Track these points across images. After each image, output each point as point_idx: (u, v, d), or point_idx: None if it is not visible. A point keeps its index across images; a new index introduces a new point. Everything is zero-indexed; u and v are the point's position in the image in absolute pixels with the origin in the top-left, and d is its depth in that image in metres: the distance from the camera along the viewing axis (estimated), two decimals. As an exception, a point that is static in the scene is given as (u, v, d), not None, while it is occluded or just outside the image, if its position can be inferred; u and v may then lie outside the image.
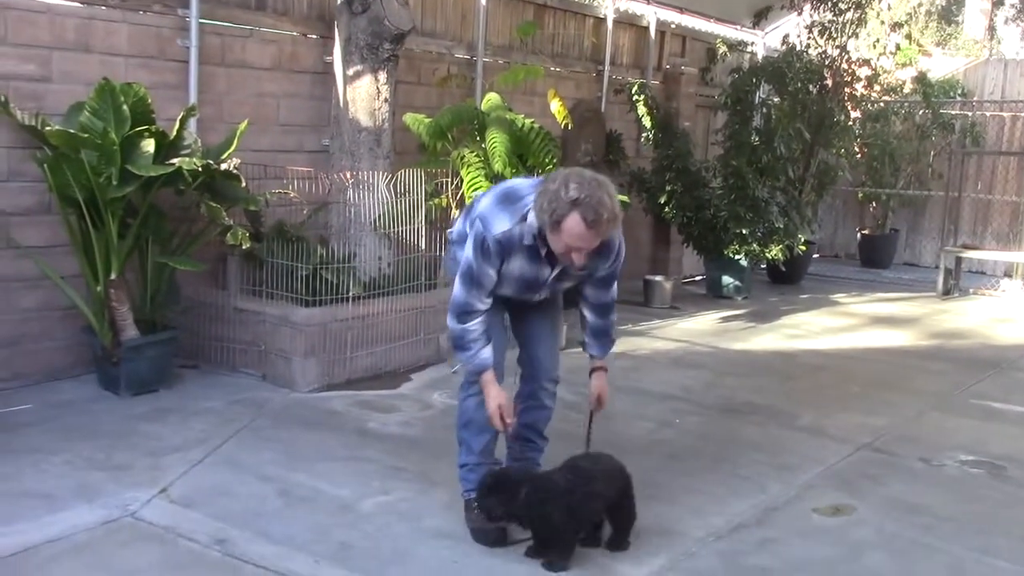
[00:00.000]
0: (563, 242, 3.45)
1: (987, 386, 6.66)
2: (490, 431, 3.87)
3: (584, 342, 4.05)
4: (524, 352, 4.06)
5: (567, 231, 3.40)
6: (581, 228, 3.37)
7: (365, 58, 6.31)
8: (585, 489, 3.54)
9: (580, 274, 3.75)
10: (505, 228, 3.57)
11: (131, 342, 5.31)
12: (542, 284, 3.75)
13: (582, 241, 3.42)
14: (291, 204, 6.19)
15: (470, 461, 3.92)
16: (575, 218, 3.36)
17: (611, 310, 3.98)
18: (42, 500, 3.91)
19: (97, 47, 5.65)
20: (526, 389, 4.07)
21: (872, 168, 12.49)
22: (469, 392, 3.88)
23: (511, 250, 3.60)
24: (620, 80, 9.88)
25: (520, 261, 3.63)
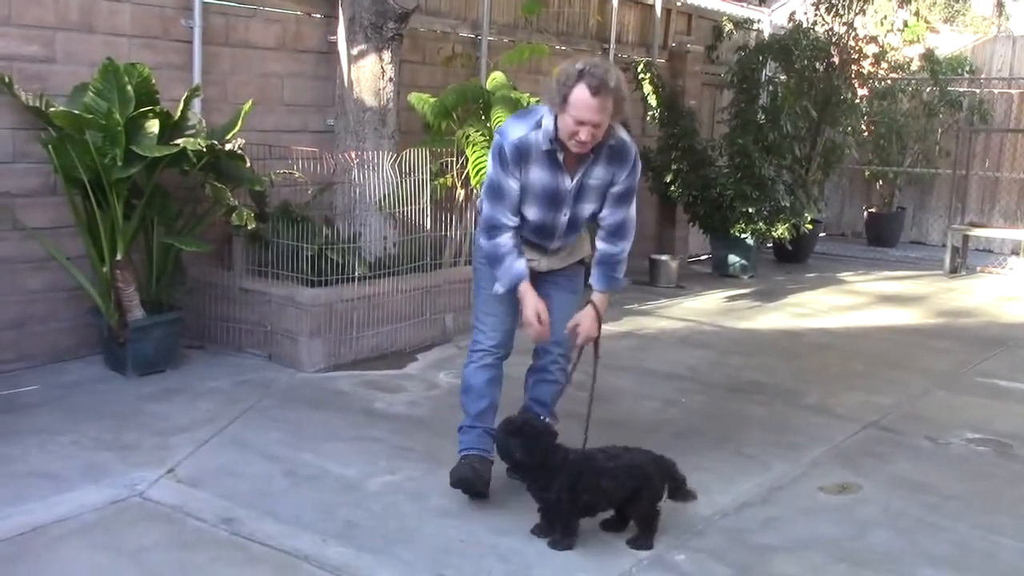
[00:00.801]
0: (571, 117, 3.52)
1: (994, 364, 6.65)
2: (487, 397, 3.97)
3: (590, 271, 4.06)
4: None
5: (574, 103, 3.50)
6: (586, 96, 3.47)
7: (369, 37, 6.28)
8: (592, 480, 3.54)
9: (599, 184, 3.78)
10: (521, 134, 3.68)
11: (137, 323, 5.32)
12: (563, 199, 3.77)
13: (588, 111, 3.49)
14: (296, 184, 6.18)
15: (465, 423, 4.02)
16: (580, 87, 3.48)
17: (624, 235, 3.92)
18: (49, 480, 3.93)
19: (101, 27, 5.63)
20: (538, 363, 4.12)
21: (879, 146, 12.44)
22: (470, 359, 4.01)
23: (528, 157, 3.70)
24: (625, 58, 9.83)
25: (539, 170, 3.71)
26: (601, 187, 3.82)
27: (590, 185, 3.80)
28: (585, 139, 3.57)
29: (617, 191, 3.84)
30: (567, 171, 3.74)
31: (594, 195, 3.84)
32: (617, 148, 3.77)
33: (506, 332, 4.01)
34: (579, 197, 3.82)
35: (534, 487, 3.60)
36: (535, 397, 4.11)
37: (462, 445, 3.99)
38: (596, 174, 3.79)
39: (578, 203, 3.84)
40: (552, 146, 3.67)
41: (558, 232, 3.91)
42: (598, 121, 3.54)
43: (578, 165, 3.75)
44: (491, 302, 3.96)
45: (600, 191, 3.83)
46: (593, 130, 3.56)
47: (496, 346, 3.99)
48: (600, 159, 3.77)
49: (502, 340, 4.00)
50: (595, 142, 3.63)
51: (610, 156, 3.76)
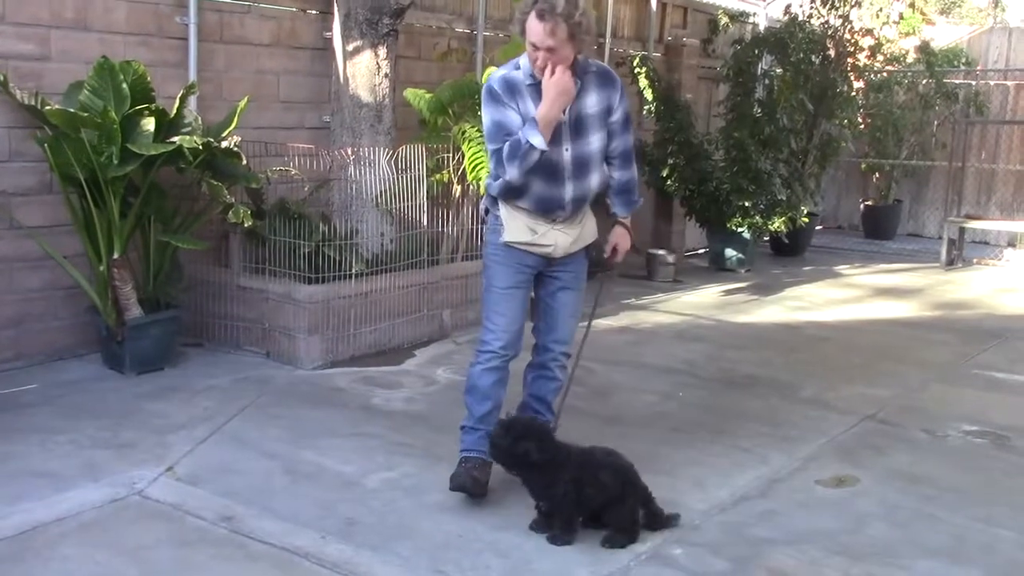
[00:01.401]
0: (529, 43, 3.63)
1: (990, 356, 6.66)
2: (491, 400, 3.95)
3: (607, 203, 4.10)
4: (542, 321, 4.08)
5: (527, 31, 3.63)
6: (534, 21, 3.60)
7: (365, 33, 6.28)
8: (593, 474, 3.56)
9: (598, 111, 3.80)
10: (504, 73, 3.81)
11: (135, 321, 5.32)
12: (561, 131, 3.75)
13: (536, 36, 3.60)
14: (292, 181, 6.18)
15: (468, 424, 4.00)
16: (531, 17, 3.61)
17: (632, 160, 4.04)
18: (48, 479, 3.93)
19: (96, 25, 5.62)
20: (537, 359, 4.11)
21: (875, 139, 12.44)
22: (476, 360, 3.97)
23: (518, 92, 3.75)
24: (621, 53, 9.82)
25: (532, 106, 3.72)
26: (601, 115, 3.83)
27: (588, 115, 3.80)
28: (542, 64, 3.65)
29: (618, 119, 3.90)
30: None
31: (596, 125, 3.83)
32: (601, 72, 3.87)
33: (516, 333, 3.97)
34: (579, 130, 3.80)
35: (537, 485, 3.60)
36: (534, 393, 4.11)
37: (464, 445, 3.98)
38: (590, 102, 3.80)
39: (579, 137, 3.80)
40: (534, 80, 3.73)
41: (565, 175, 3.80)
42: (550, 45, 3.61)
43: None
44: (501, 300, 3.92)
45: (601, 120, 3.84)
46: (548, 55, 3.63)
47: (505, 347, 3.94)
48: (589, 86, 3.80)
49: (511, 341, 3.95)
50: (559, 63, 3.65)
51: (599, 82, 3.82)
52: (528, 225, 3.86)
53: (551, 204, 3.84)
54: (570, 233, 3.93)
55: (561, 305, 4.02)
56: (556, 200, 3.84)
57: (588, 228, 4.04)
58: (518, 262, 3.91)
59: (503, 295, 3.92)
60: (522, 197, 3.84)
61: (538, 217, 3.87)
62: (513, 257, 3.91)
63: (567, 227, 3.92)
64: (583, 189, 3.88)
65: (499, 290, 3.93)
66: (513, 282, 3.93)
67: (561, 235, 3.91)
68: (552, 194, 3.82)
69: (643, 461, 3.86)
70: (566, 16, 3.58)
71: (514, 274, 3.92)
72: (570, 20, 3.60)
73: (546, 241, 3.88)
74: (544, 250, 3.89)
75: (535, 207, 3.85)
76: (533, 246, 3.88)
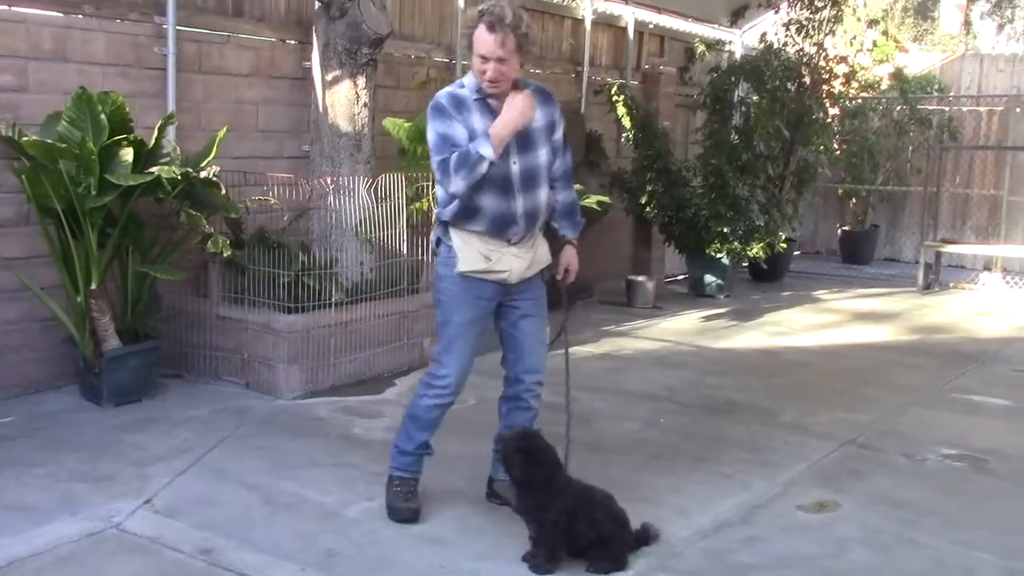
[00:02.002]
0: (478, 57, 3.69)
1: (968, 380, 6.71)
2: (432, 429, 4.02)
3: (554, 228, 4.13)
4: (510, 352, 4.06)
5: (476, 43, 3.69)
6: (484, 33, 3.66)
7: (344, 63, 6.30)
8: (589, 510, 3.57)
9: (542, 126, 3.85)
10: (449, 90, 3.88)
11: (113, 352, 5.29)
12: (508, 145, 3.75)
13: (487, 46, 3.66)
14: (272, 211, 6.18)
15: (405, 447, 4.04)
16: (480, 27, 3.68)
17: (572, 180, 4.17)
18: (25, 513, 3.89)
19: (74, 56, 5.62)
20: (510, 391, 4.09)
21: (851, 164, 12.55)
22: (426, 392, 3.99)
23: (464, 106, 3.80)
24: (599, 81, 9.91)
25: (478, 118, 3.77)
26: (545, 130, 3.88)
27: (534, 128, 3.83)
28: (492, 76, 3.69)
29: (559, 137, 3.98)
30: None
31: (542, 140, 3.87)
32: (540, 90, 3.94)
33: (467, 371, 3.97)
34: (526, 144, 3.82)
35: (531, 508, 3.58)
36: (510, 425, 4.07)
37: (398, 464, 4.04)
38: (536, 116, 3.83)
39: (526, 150, 3.82)
40: (480, 95, 3.79)
41: (515, 188, 3.79)
42: (500, 55, 3.66)
43: None
44: (459, 337, 3.90)
45: (546, 135, 3.88)
46: (498, 65, 3.68)
47: (456, 386, 3.95)
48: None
49: (461, 380, 3.96)
50: (505, 80, 3.72)
51: (540, 99, 3.87)
52: (482, 252, 3.83)
53: (504, 220, 3.81)
54: (524, 257, 3.90)
55: (525, 334, 4.00)
56: (509, 216, 3.81)
57: (541, 252, 4.03)
58: (475, 295, 3.87)
59: (461, 331, 3.90)
60: (475, 218, 3.81)
61: (492, 240, 3.83)
62: (470, 290, 3.86)
63: (521, 251, 3.89)
64: (533, 203, 3.86)
65: (457, 326, 3.90)
66: (471, 316, 3.90)
67: (516, 260, 3.87)
68: (504, 209, 3.79)
69: (625, 488, 3.86)
70: (514, 27, 3.67)
71: (472, 308, 3.89)
72: (517, 31, 3.68)
73: (501, 267, 3.85)
74: (500, 276, 3.86)
75: (489, 226, 3.81)
76: (489, 273, 3.85)
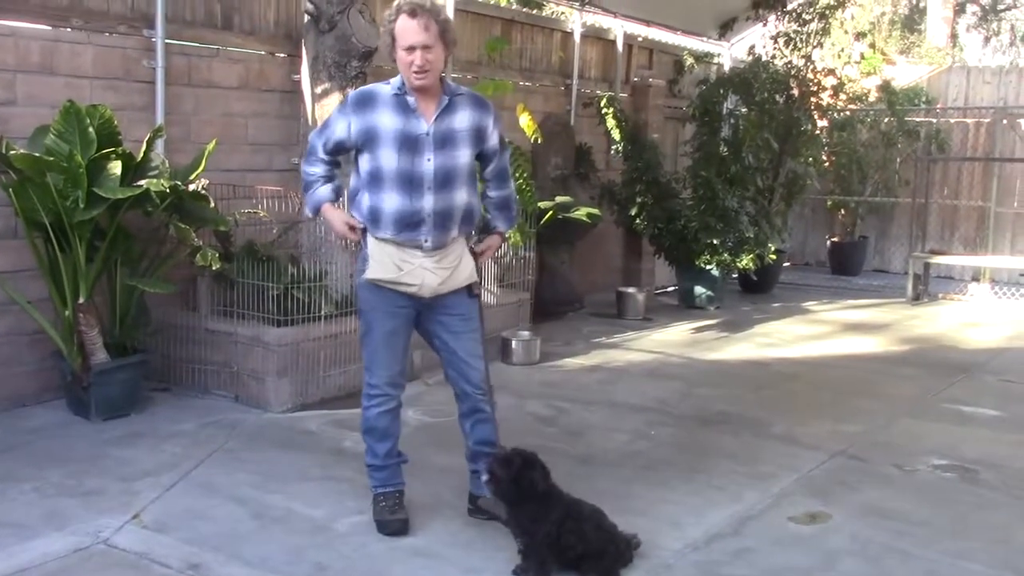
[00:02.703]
0: (402, 50, 3.70)
1: (958, 390, 6.72)
2: (391, 436, 4.05)
3: (487, 221, 4.18)
4: (449, 368, 4.04)
5: (399, 34, 3.70)
6: (406, 20, 3.68)
7: (333, 76, 6.30)
8: (577, 523, 3.56)
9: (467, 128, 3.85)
10: (369, 86, 3.93)
11: (101, 366, 5.26)
12: (422, 144, 3.76)
13: (412, 34, 3.67)
14: (261, 223, 6.16)
15: (375, 463, 4.06)
16: (401, 18, 3.70)
17: (509, 179, 4.20)
18: (11, 529, 3.86)
19: (62, 69, 5.61)
20: (464, 406, 4.07)
21: (840, 176, 12.60)
22: (369, 403, 4.01)
23: (373, 103, 3.80)
24: (589, 93, 9.93)
25: (389, 115, 3.77)
26: (471, 133, 3.86)
27: (456, 129, 3.82)
28: (420, 63, 3.68)
29: (494, 143, 3.99)
30: (422, 116, 3.79)
31: (465, 142, 3.85)
32: (474, 97, 3.95)
33: (401, 368, 4.00)
34: (444, 143, 3.80)
35: (523, 520, 3.57)
36: (479, 440, 4.06)
37: (377, 483, 4.05)
38: (460, 118, 3.84)
39: (444, 149, 3.79)
40: (400, 91, 3.79)
41: (425, 186, 3.76)
42: (424, 42, 3.68)
43: (434, 110, 3.80)
44: (381, 347, 3.91)
45: (470, 139, 3.86)
46: (424, 53, 3.69)
47: (393, 385, 3.97)
48: (460, 105, 3.86)
49: (397, 378, 3.99)
50: (432, 70, 3.73)
51: (471, 104, 3.89)
52: (395, 261, 3.81)
53: (410, 219, 3.78)
54: (439, 272, 3.85)
55: (458, 351, 3.98)
56: (415, 213, 3.77)
57: (464, 270, 3.95)
58: (391, 304, 3.87)
59: (383, 340, 3.91)
60: (380, 220, 3.80)
61: (406, 249, 3.81)
62: (387, 300, 3.86)
63: (437, 265, 3.84)
64: (446, 203, 3.81)
65: (378, 336, 3.91)
66: (391, 326, 3.90)
67: (429, 274, 3.83)
68: (407, 207, 3.76)
69: (616, 500, 3.85)
70: (435, 14, 3.71)
71: (390, 318, 3.89)
72: (439, 18, 3.72)
73: (411, 279, 3.82)
74: (409, 289, 3.84)
75: (394, 226, 3.78)
76: (399, 284, 3.83)
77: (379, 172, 3.78)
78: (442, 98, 3.83)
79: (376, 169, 3.79)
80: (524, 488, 3.54)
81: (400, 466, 4.11)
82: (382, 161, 3.77)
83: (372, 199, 3.81)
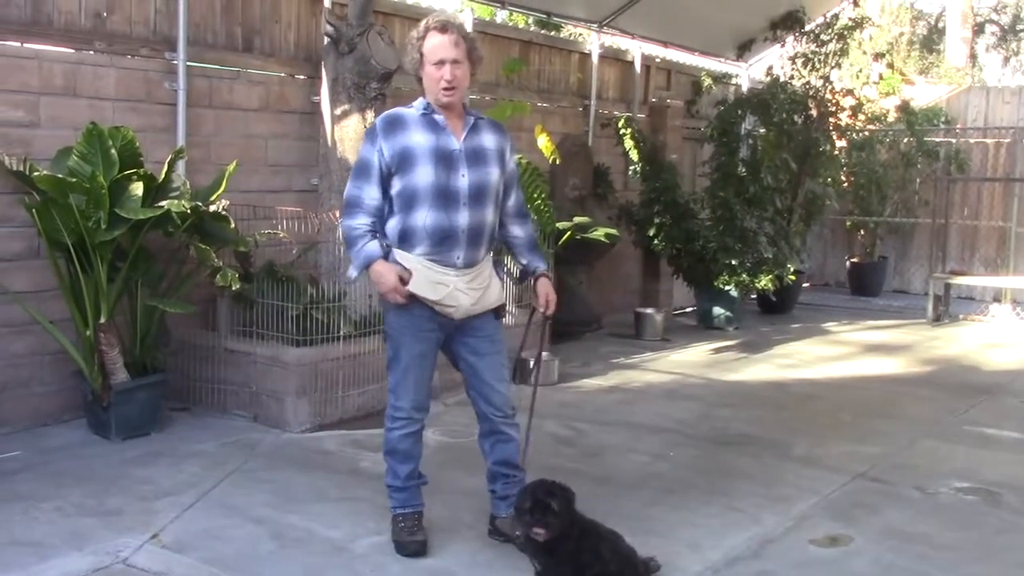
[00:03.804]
0: (432, 65, 3.73)
1: (980, 412, 6.66)
2: (414, 459, 4.03)
3: (524, 265, 4.16)
4: (472, 389, 4.04)
5: (430, 51, 3.74)
6: (439, 38, 3.73)
7: (352, 97, 6.34)
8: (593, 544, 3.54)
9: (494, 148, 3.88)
10: (395, 110, 3.91)
11: (121, 386, 5.29)
12: (456, 159, 3.78)
13: (443, 49, 3.72)
14: (281, 244, 6.20)
15: (396, 484, 4.06)
16: (431, 35, 3.74)
17: (528, 214, 4.21)
18: (32, 548, 3.87)
19: (85, 91, 5.67)
20: (485, 427, 4.06)
21: (859, 196, 12.55)
22: (392, 425, 3.98)
23: (403, 125, 3.80)
24: (606, 114, 9.95)
25: (420, 133, 3.78)
26: (497, 154, 3.90)
27: (484, 147, 3.86)
28: (451, 79, 3.72)
29: (512, 169, 4.03)
30: (452, 133, 3.81)
31: (494, 160, 3.88)
32: (493, 122, 4.01)
33: (426, 393, 3.99)
34: (476, 159, 3.82)
35: (539, 543, 3.51)
36: (498, 460, 4.06)
37: (397, 503, 4.05)
38: (487, 138, 3.89)
39: (477, 166, 3.81)
40: (427, 111, 3.82)
41: (461, 202, 3.77)
42: (455, 56, 3.73)
43: (463, 129, 3.84)
44: (409, 372, 3.90)
45: (497, 158, 3.90)
46: (453, 68, 3.73)
47: (418, 408, 3.96)
48: (484, 127, 3.91)
49: (422, 402, 3.97)
50: (460, 87, 3.77)
51: (491, 128, 3.94)
52: (429, 280, 3.80)
53: (446, 234, 3.78)
54: (471, 293, 3.86)
55: (483, 373, 3.98)
56: (451, 230, 3.77)
57: (493, 292, 3.98)
58: (422, 329, 3.87)
59: (411, 364, 3.90)
60: (414, 238, 3.78)
61: (439, 268, 3.80)
62: (416, 325, 3.85)
63: (469, 287, 3.86)
64: (479, 219, 3.83)
65: (407, 360, 3.90)
66: (420, 350, 3.90)
67: (462, 295, 3.84)
68: (445, 223, 3.77)
69: (635, 522, 3.83)
70: (463, 31, 3.77)
71: (419, 342, 3.89)
72: (467, 35, 3.78)
73: (449, 302, 3.83)
74: (446, 311, 3.84)
75: (429, 243, 3.78)
76: (436, 305, 3.82)
77: (413, 191, 3.76)
78: (467, 118, 3.88)
79: (410, 188, 3.76)
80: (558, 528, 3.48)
81: (419, 487, 4.10)
82: (418, 179, 3.75)
83: (403, 220, 3.79)
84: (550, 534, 3.44)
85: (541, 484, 3.57)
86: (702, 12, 10.32)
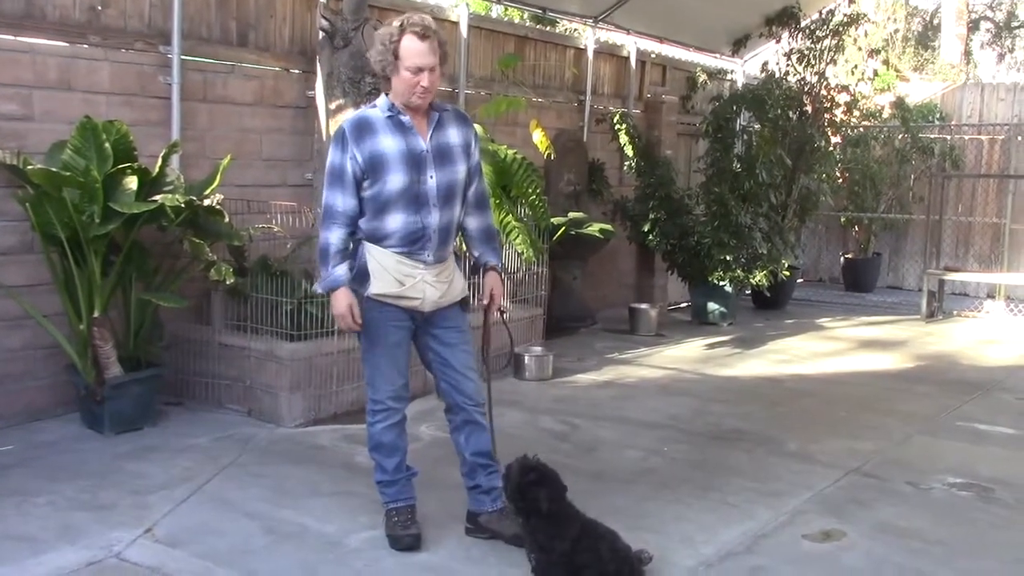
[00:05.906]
0: (407, 70, 3.68)
1: (973, 408, 6.68)
2: (400, 450, 4.04)
3: (476, 257, 4.13)
4: (442, 381, 4.07)
5: (406, 54, 3.67)
6: (416, 43, 3.66)
7: (347, 92, 6.33)
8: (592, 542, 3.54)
9: (460, 143, 3.88)
10: (360, 113, 3.89)
11: (115, 380, 5.28)
12: (423, 161, 3.79)
13: (421, 56, 3.67)
14: (275, 238, 6.18)
15: (385, 478, 4.05)
16: (408, 38, 3.66)
17: (488, 204, 4.15)
18: (25, 543, 3.87)
19: (79, 85, 5.65)
20: (459, 418, 4.07)
21: (854, 193, 12.57)
22: (373, 419, 4.00)
23: (371, 129, 3.78)
24: (601, 110, 9.95)
25: (389, 137, 3.77)
26: (462, 148, 3.91)
27: (450, 144, 3.87)
28: (427, 85, 3.71)
29: (477, 159, 4.02)
30: (418, 134, 3.81)
31: (460, 157, 3.90)
32: (457, 112, 4.01)
33: (404, 383, 4.00)
34: (442, 159, 3.83)
35: (538, 538, 3.53)
36: (476, 451, 4.07)
37: (388, 498, 4.04)
38: (451, 133, 3.89)
39: (443, 166, 3.83)
40: (392, 112, 3.79)
41: (431, 203, 3.80)
42: (433, 64, 3.71)
43: (427, 127, 3.83)
44: (382, 363, 3.92)
45: (463, 153, 3.90)
46: (430, 75, 3.71)
47: (396, 399, 3.98)
48: (448, 121, 3.90)
49: (400, 392, 3.98)
50: (435, 88, 3.76)
51: (456, 119, 3.94)
52: (396, 276, 3.82)
53: (416, 235, 3.81)
54: (438, 286, 3.90)
55: (453, 364, 4.00)
56: (421, 230, 3.81)
57: (457, 284, 4.02)
58: (393, 320, 3.89)
59: (385, 354, 3.92)
60: (386, 236, 3.81)
61: (407, 262, 3.82)
62: (386, 315, 3.87)
63: (436, 279, 3.89)
64: (449, 217, 3.88)
65: (380, 352, 3.92)
66: (393, 340, 3.92)
67: (429, 288, 3.87)
68: (415, 224, 3.80)
69: (629, 518, 3.83)
70: (439, 35, 3.74)
71: (391, 333, 3.91)
72: (441, 39, 3.75)
73: (414, 294, 3.85)
74: (412, 303, 3.86)
75: (401, 241, 3.81)
76: (401, 299, 3.84)
77: (386, 197, 3.77)
78: (432, 115, 3.87)
79: (383, 195, 3.77)
80: (534, 499, 3.51)
81: (410, 480, 4.10)
82: (389, 184, 3.76)
83: (375, 222, 3.81)
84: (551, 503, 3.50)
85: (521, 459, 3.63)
86: (697, 8, 10.32)
